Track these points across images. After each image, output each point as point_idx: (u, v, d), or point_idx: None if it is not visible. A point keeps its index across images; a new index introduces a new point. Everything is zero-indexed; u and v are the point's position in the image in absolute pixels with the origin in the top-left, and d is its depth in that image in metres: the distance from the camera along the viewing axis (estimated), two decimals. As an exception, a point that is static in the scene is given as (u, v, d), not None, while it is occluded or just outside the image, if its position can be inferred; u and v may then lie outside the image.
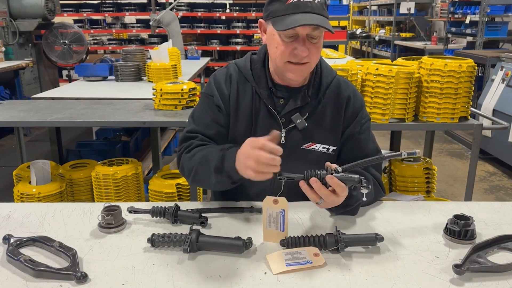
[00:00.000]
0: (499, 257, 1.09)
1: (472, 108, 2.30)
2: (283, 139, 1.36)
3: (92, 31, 7.83)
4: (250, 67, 1.40)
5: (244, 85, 1.40)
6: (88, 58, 5.58)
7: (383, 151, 1.52)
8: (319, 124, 1.39)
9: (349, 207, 1.26)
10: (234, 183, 1.26)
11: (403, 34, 9.57)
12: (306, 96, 1.36)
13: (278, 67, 1.31)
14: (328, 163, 1.17)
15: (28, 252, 1.09)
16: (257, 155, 1.10)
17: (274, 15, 1.25)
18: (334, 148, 1.42)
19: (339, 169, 1.14)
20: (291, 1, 1.21)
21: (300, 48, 1.23)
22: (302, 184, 1.13)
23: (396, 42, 9.29)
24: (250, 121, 1.38)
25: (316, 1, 1.22)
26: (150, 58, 3.71)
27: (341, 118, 1.41)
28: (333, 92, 1.41)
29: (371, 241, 1.11)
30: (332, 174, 1.12)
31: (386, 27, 10.47)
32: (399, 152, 1.13)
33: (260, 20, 1.35)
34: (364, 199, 1.18)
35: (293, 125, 1.36)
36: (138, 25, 7.94)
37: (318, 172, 1.13)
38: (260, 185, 1.32)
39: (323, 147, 1.40)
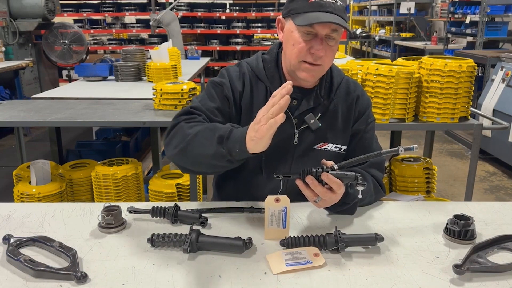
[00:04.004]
0: (499, 257, 1.09)
1: (472, 108, 2.30)
2: (296, 140, 1.36)
3: (92, 31, 7.84)
4: (263, 67, 1.39)
5: (257, 84, 1.38)
6: (88, 58, 5.58)
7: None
8: (331, 124, 1.39)
9: (346, 206, 1.26)
10: (230, 162, 1.16)
11: (403, 34, 9.57)
12: (319, 97, 1.37)
13: (292, 65, 1.30)
14: (323, 161, 1.17)
15: (28, 252, 1.09)
16: (263, 113, 1.06)
17: (296, 12, 1.24)
18: (345, 147, 1.43)
19: (335, 166, 1.14)
20: (314, 0, 1.21)
21: (317, 47, 1.23)
22: (299, 182, 1.14)
23: (396, 42, 9.30)
24: None
25: (338, 3, 1.22)
26: (150, 58, 3.72)
27: (351, 117, 1.42)
28: (343, 92, 1.42)
29: (371, 241, 1.11)
30: (327, 171, 1.12)
31: (386, 27, 10.47)
32: (396, 148, 1.13)
33: (279, 17, 1.34)
34: (360, 196, 1.18)
35: (306, 125, 1.36)
36: (138, 25, 7.94)
37: (314, 170, 1.13)
38: (266, 188, 1.33)
39: (335, 147, 1.41)
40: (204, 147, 1.17)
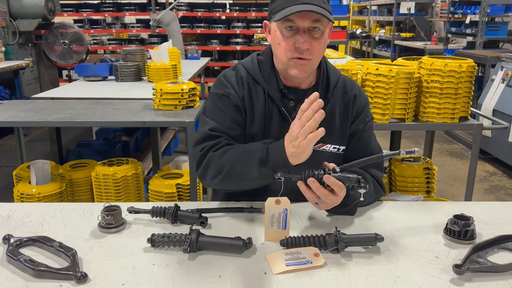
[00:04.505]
0: (499, 257, 1.09)
1: (472, 108, 2.31)
2: None
3: (92, 31, 7.83)
4: (259, 68, 1.39)
5: (255, 87, 1.37)
6: (88, 58, 5.58)
7: (383, 151, 1.52)
8: (329, 125, 1.38)
9: (347, 207, 1.26)
10: (275, 178, 1.19)
11: (403, 34, 9.58)
12: None
13: (283, 64, 1.30)
14: (325, 163, 1.17)
15: (28, 252, 1.09)
16: (298, 129, 1.08)
17: (275, 10, 1.25)
18: (344, 147, 1.43)
19: (337, 168, 1.14)
20: None
21: (300, 40, 1.22)
22: (300, 185, 1.13)
23: (396, 42, 9.30)
24: (263, 124, 1.36)
25: None
26: (150, 58, 3.72)
27: (348, 117, 1.41)
28: (339, 91, 1.41)
29: (371, 241, 1.11)
30: (330, 174, 1.12)
31: (386, 27, 10.48)
32: (397, 151, 1.12)
33: (265, 21, 1.34)
34: (362, 199, 1.18)
35: None
36: (138, 25, 7.93)
37: (316, 172, 1.13)
38: (266, 188, 1.33)
39: (334, 147, 1.40)
40: (247, 173, 1.21)
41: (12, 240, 1.11)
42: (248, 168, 1.21)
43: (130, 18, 8.56)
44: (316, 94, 1.08)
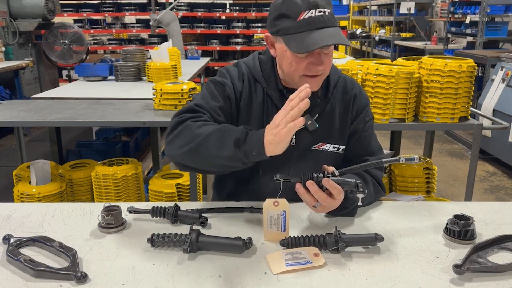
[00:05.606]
0: (499, 257, 1.09)
1: (472, 108, 2.30)
2: (293, 141, 1.35)
3: (92, 31, 7.84)
4: (259, 67, 1.38)
5: (254, 85, 1.37)
6: (88, 58, 5.58)
7: (383, 151, 1.52)
8: (329, 124, 1.38)
9: (345, 210, 1.26)
10: (244, 164, 1.15)
11: (403, 34, 9.58)
12: (316, 97, 1.35)
13: (294, 80, 1.29)
14: (325, 166, 1.17)
15: (28, 252, 1.09)
16: (281, 117, 1.07)
17: (286, 32, 1.21)
18: (344, 147, 1.42)
19: (336, 172, 1.14)
20: (302, 18, 1.18)
21: (315, 63, 1.22)
22: (299, 187, 1.13)
23: (396, 42, 9.30)
24: (261, 123, 1.35)
25: (327, 13, 1.19)
26: (150, 58, 3.72)
27: (348, 116, 1.41)
28: (340, 91, 1.41)
29: (371, 241, 1.11)
30: (329, 177, 1.12)
31: (386, 27, 10.48)
32: (397, 158, 1.12)
33: (267, 34, 1.31)
34: (360, 203, 1.18)
35: (304, 126, 1.35)
36: (138, 25, 7.94)
37: (315, 175, 1.13)
38: (265, 189, 1.32)
39: (333, 147, 1.40)
40: (219, 149, 1.15)
41: (12, 240, 1.11)
42: (222, 145, 1.15)
43: (130, 18, 8.57)
44: (306, 85, 1.08)
